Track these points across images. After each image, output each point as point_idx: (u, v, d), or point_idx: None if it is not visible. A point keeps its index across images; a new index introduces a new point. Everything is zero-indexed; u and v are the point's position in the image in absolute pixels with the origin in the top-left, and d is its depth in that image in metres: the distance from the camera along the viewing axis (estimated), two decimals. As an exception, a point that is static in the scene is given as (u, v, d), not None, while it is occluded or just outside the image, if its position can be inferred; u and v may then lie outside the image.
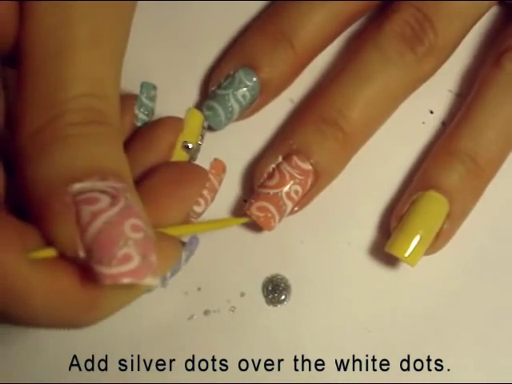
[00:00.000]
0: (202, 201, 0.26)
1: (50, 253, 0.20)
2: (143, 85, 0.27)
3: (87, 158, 0.20)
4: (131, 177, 0.22)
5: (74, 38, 0.21)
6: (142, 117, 0.27)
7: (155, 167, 0.25)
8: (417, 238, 0.30)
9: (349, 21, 0.33)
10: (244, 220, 0.31)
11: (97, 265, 0.19)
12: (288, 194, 0.31)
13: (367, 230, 0.33)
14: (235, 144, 0.34)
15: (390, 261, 0.32)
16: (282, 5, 0.33)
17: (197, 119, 0.28)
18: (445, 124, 0.34)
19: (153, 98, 0.27)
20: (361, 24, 0.35)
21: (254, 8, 0.35)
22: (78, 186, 0.20)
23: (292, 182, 0.31)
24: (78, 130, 0.20)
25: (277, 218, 0.31)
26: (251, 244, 0.33)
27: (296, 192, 0.31)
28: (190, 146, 0.28)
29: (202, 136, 0.29)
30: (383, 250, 0.31)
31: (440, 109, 0.34)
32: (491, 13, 0.35)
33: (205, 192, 0.26)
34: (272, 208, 0.31)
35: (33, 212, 0.20)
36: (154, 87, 0.27)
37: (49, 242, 0.20)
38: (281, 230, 0.33)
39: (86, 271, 0.20)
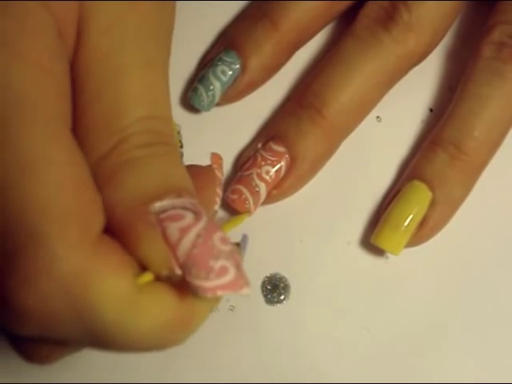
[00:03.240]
0: (217, 198, 0.26)
1: (149, 276, 0.19)
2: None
3: (160, 177, 0.20)
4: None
5: (129, 61, 0.21)
6: None
7: None
8: (397, 227, 0.30)
9: (337, 5, 0.33)
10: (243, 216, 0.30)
11: (195, 279, 0.19)
12: (259, 174, 0.31)
13: (366, 230, 0.33)
14: (232, 141, 0.34)
15: (390, 260, 0.32)
16: None
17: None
18: (443, 122, 0.34)
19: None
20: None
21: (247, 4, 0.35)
22: (158, 205, 0.20)
23: (263, 164, 0.31)
24: (145, 152, 0.21)
25: (250, 199, 0.31)
26: (250, 243, 0.32)
27: (267, 172, 0.31)
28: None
29: (181, 141, 0.29)
30: (382, 250, 0.31)
31: (439, 107, 0.34)
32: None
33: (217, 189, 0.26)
34: (244, 189, 0.31)
35: (116, 236, 0.20)
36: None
37: (141, 265, 0.20)
38: (280, 229, 0.33)
39: (179, 288, 0.20)
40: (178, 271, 0.19)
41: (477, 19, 0.35)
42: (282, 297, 0.32)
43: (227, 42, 0.32)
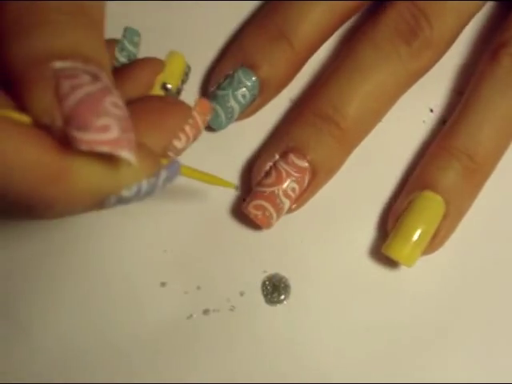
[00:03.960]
0: (183, 136, 0.25)
1: (23, 118, 0.19)
2: (126, 29, 0.27)
3: (71, 41, 0.20)
4: (111, 73, 0.22)
5: None
6: (123, 60, 0.26)
7: (136, 99, 0.24)
8: (413, 240, 0.30)
9: (345, 16, 0.33)
10: (231, 185, 0.29)
11: (73, 130, 0.19)
12: (285, 191, 0.31)
13: (367, 230, 0.33)
14: (234, 143, 0.34)
15: (390, 260, 0.32)
16: (279, 2, 0.33)
17: (179, 61, 0.28)
18: (445, 123, 0.34)
19: (136, 44, 0.27)
20: (359, 20, 0.35)
21: (252, 6, 0.35)
22: (59, 64, 0.20)
23: (289, 181, 0.31)
24: (62, 17, 0.20)
25: (274, 215, 0.31)
26: (251, 243, 0.33)
27: (293, 190, 0.31)
28: (169, 86, 0.27)
29: (184, 80, 0.29)
30: (383, 249, 0.31)
31: (440, 107, 0.34)
32: (493, 10, 0.35)
33: (187, 128, 0.25)
34: (269, 206, 0.31)
35: (9, 86, 0.20)
36: (138, 34, 0.27)
37: (23, 111, 0.20)
38: (281, 229, 0.33)
39: (58, 141, 0.20)
40: (59, 121, 0.19)
41: (479, 22, 0.35)
42: (282, 297, 0.32)
43: (243, 59, 0.32)
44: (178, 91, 0.29)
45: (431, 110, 0.34)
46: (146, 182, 0.22)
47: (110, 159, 0.20)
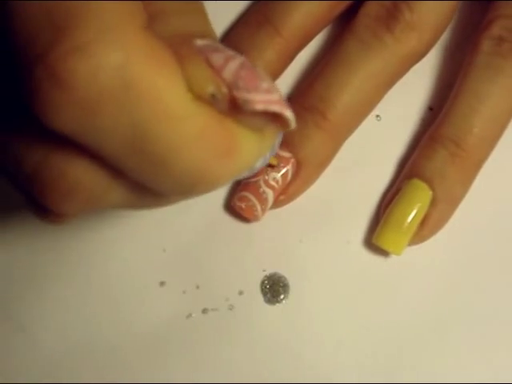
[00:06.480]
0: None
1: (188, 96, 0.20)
2: None
3: (200, 25, 0.21)
4: None
5: None
6: None
7: None
8: (399, 227, 0.30)
9: (337, 6, 0.32)
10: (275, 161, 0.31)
11: (244, 93, 0.19)
12: (266, 181, 0.31)
13: (366, 229, 0.33)
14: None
15: (390, 259, 0.32)
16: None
17: None
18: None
19: None
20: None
21: (244, 6, 0.35)
22: (200, 42, 0.20)
23: (269, 170, 0.31)
24: (185, 6, 0.21)
25: (258, 206, 0.31)
26: (250, 242, 0.33)
27: (275, 179, 0.31)
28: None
29: None
30: (382, 249, 0.31)
31: (439, 106, 0.34)
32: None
33: None
34: (252, 197, 0.31)
35: None
36: None
37: None
38: (280, 228, 0.33)
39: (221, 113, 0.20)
40: (225, 88, 0.19)
41: (476, 15, 0.34)
42: (281, 296, 0.32)
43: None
44: None
45: (431, 109, 0.34)
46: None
47: (260, 129, 0.20)
